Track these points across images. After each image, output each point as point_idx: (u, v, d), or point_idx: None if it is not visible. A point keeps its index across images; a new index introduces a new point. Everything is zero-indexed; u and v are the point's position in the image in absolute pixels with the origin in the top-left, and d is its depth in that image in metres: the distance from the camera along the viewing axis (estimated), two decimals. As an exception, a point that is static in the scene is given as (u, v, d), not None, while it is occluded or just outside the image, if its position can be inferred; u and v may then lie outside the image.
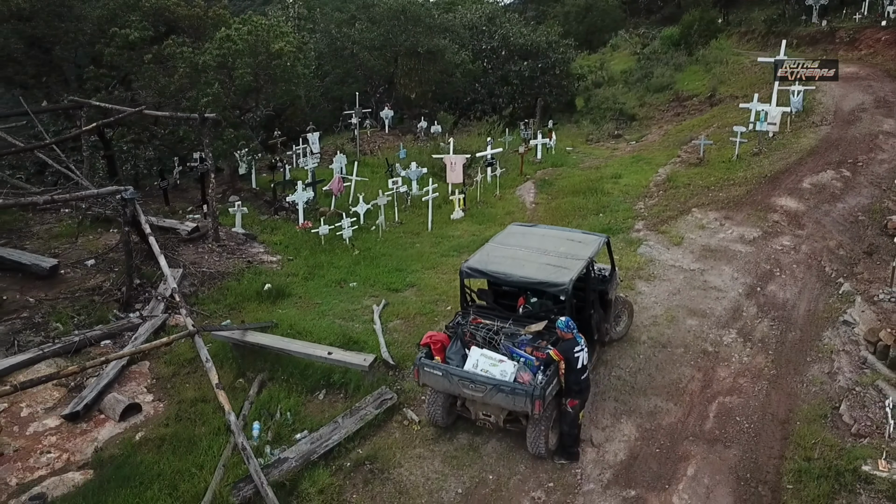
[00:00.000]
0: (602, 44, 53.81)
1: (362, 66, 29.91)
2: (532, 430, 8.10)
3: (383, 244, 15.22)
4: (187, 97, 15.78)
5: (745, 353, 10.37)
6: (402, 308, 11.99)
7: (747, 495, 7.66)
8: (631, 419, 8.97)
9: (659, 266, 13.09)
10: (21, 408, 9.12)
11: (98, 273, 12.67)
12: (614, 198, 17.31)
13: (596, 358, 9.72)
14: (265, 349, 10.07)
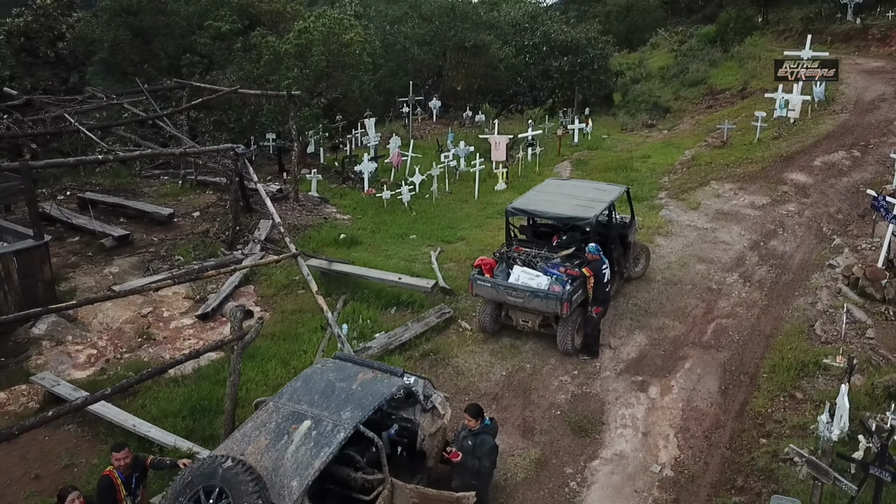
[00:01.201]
0: (642, 42, 55.05)
1: (413, 60, 32.30)
2: (561, 331, 10.31)
3: (436, 208, 17.55)
4: (270, 80, 18.36)
5: (744, 290, 12.39)
6: (454, 254, 14.29)
7: (730, 381, 9.75)
8: (642, 332, 11.11)
9: (676, 225, 15.14)
10: (162, 311, 11.72)
11: (203, 222, 15.30)
12: (642, 174, 19.33)
13: (616, 288, 11.86)
14: (347, 276, 12.51)
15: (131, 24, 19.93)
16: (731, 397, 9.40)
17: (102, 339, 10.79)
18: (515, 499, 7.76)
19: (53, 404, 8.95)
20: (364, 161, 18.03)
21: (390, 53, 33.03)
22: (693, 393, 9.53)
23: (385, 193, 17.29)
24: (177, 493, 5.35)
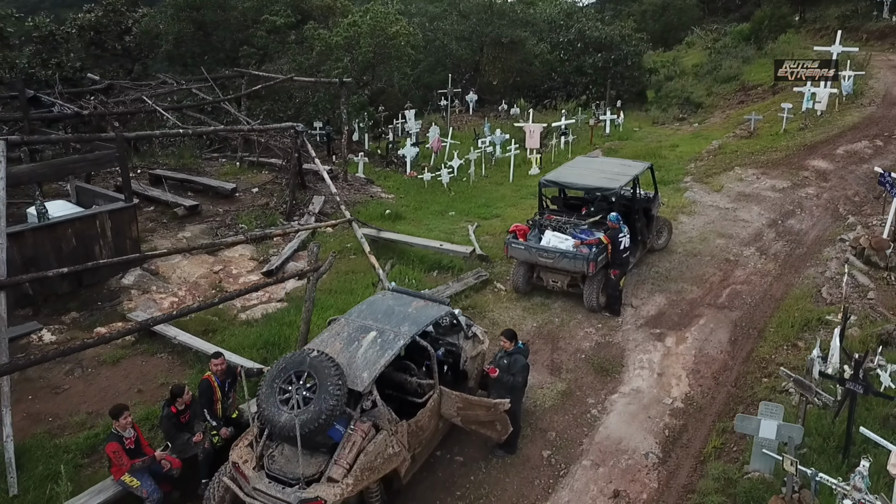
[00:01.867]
0: (678, 41, 55.42)
1: (451, 56, 33.61)
2: (587, 289, 11.48)
3: (473, 189, 18.81)
4: (320, 70, 19.82)
5: (759, 261, 13.39)
6: (489, 229, 15.52)
7: (740, 334, 10.82)
8: (662, 294, 12.21)
9: (699, 205, 16.15)
10: (231, 269, 13.20)
11: (262, 197, 16.81)
12: (670, 161, 20.31)
13: (639, 257, 12.97)
14: (394, 242, 13.86)
15: (194, 18, 21.62)
16: (739, 347, 10.47)
17: (181, 290, 12.29)
18: (544, 421, 8.98)
19: (146, 336, 10.48)
20: (406, 146, 19.38)
21: (429, 49, 34.37)
22: (705, 343, 10.63)
23: (426, 175, 18.61)
24: (273, 376, 6.70)
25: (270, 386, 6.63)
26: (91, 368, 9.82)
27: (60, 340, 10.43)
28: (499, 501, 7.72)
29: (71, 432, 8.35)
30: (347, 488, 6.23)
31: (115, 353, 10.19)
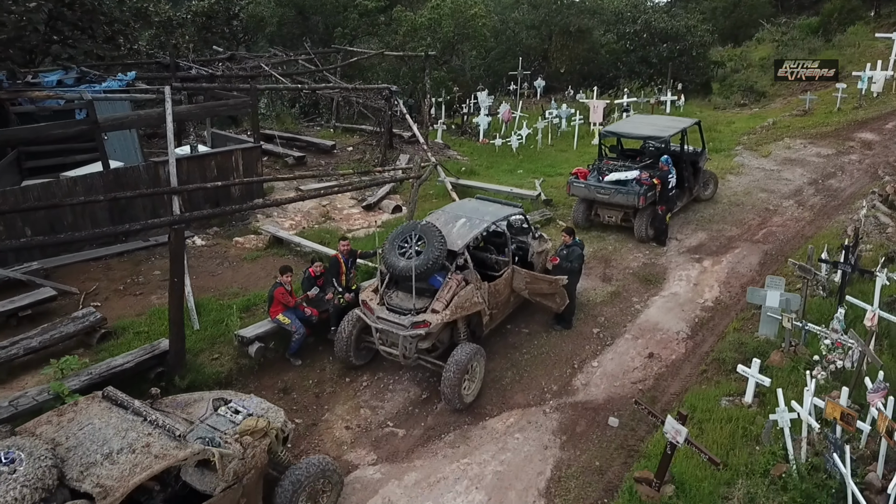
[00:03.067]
0: (748, 38, 55.68)
1: (521, 44, 35.70)
2: (637, 222, 13.47)
3: (540, 154, 20.90)
4: (406, 48, 22.29)
5: (796, 211, 15.03)
6: (553, 183, 17.56)
7: (768, 259, 12.62)
8: (704, 232, 14.06)
9: (747, 168, 17.80)
10: (336, 204, 15.76)
11: (356, 153, 19.40)
12: (724, 134, 21.88)
13: (686, 201, 14.82)
14: (470, 188, 16.13)
15: (295, 3, 24.49)
16: (766, 267, 12.28)
17: (297, 216, 14.92)
18: (595, 310, 11.07)
19: (274, 244, 13.10)
20: (480, 115, 21.65)
21: (500, 39, 36.55)
22: (737, 265, 12.48)
23: (497, 141, 20.84)
24: (393, 238, 9.08)
25: (392, 244, 9.02)
26: (235, 263, 12.49)
27: (209, 244, 13.17)
28: (556, 358, 9.89)
29: (229, 297, 10.96)
30: (445, 317, 8.53)
31: (252, 254, 12.85)
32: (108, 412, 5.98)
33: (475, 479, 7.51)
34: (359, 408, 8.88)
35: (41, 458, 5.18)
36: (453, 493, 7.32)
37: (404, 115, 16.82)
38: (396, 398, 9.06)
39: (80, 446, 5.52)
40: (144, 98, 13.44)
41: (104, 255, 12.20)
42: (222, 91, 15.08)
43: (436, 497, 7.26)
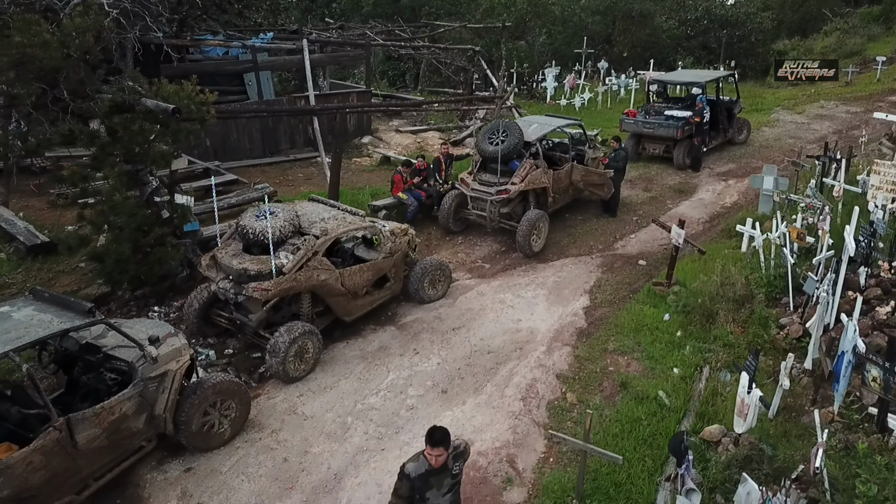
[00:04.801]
0: (815, 31, 56.54)
1: (586, 29, 38.60)
2: (676, 151, 16.49)
3: (599, 113, 23.99)
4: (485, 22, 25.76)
5: (817, 151, 17.69)
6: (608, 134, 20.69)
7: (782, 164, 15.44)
8: (734, 163, 16.96)
9: (781, 122, 20.46)
10: (427, 142, 19.33)
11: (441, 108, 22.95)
12: (768, 101, 24.42)
13: (720, 141, 17.72)
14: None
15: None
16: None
17: (397, 148, 18.56)
18: (635, 208, 14.23)
19: (384, 162, 16.76)
20: (548, 80, 24.90)
21: (567, 24, 39.54)
22: (756, 182, 15.36)
23: (562, 102, 24.04)
24: (485, 132, 12.52)
25: (483, 135, 12.47)
26: (357, 173, 16.18)
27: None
28: (603, 232, 13.13)
29: (358, 189, 14.60)
30: (520, 186, 11.91)
31: (368, 168, 16.56)
32: (318, 205, 9.67)
33: (539, 284, 10.87)
34: (457, 254, 12.35)
35: (290, 212, 8.86)
36: (525, 289, 10.70)
37: (486, 70, 20.23)
38: (483, 249, 12.50)
39: (307, 215, 9.19)
40: (287, 48, 17.31)
41: (258, 164, 16.10)
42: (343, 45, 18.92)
43: (513, 290, 10.67)
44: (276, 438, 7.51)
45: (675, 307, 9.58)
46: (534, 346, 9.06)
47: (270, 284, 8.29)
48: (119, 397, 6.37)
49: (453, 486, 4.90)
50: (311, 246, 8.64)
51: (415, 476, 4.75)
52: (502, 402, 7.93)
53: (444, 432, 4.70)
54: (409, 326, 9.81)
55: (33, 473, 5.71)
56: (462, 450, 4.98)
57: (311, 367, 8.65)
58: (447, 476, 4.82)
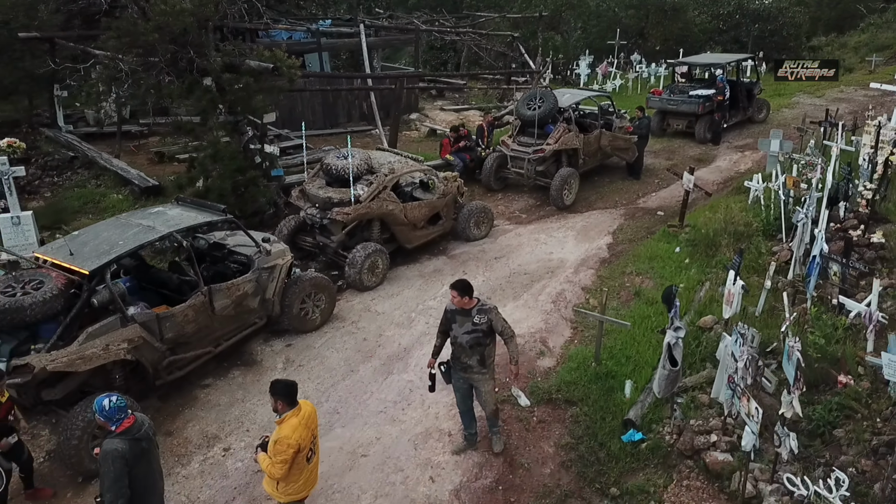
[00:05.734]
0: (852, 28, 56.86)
1: (619, 23, 40.02)
2: (698, 126, 18.07)
3: (629, 96, 25.56)
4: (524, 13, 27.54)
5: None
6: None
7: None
8: (751, 138, 18.40)
9: (800, 104, 21.83)
10: (469, 118, 21.18)
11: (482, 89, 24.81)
12: (792, 87, 25.65)
13: (739, 119, 19.21)
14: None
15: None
16: (791, 153, 16.61)
17: (441, 124, 20.45)
18: (658, 173, 15.85)
19: (430, 134, 18.67)
20: (582, 66, 26.57)
21: (601, 19, 41.00)
22: (770, 153, 16.87)
23: (594, 87, 25.66)
24: (523, 99, 14.32)
25: (522, 102, 14.28)
26: (408, 144, 18.08)
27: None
28: (627, 190, 14.83)
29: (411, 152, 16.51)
30: (555, 146, 13.67)
31: (417, 140, 18.47)
32: (386, 152, 11.63)
33: (569, 227, 12.65)
34: (496, 207, 14.14)
35: (364, 155, 10.82)
36: (556, 231, 12.48)
37: (523, 55, 22.01)
38: (520, 203, 14.29)
39: (377, 158, 11.16)
40: (346, 32, 19.33)
41: (320, 134, 18.12)
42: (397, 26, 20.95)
43: (546, 232, 12.46)
44: (356, 326, 9.44)
45: (684, 242, 11.26)
46: (563, 270, 10.85)
47: (350, 209, 10.23)
48: (242, 279, 8.35)
49: (473, 331, 6.40)
50: (381, 181, 10.57)
51: (448, 310, 6.51)
52: (536, 304, 9.75)
53: (462, 283, 6.41)
54: (457, 257, 11.67)
55: (187, 324, 7.70)
56: (487, 308, 6.43)
57: (380, 280, 10.57)
58: (468, 320, 6.38)
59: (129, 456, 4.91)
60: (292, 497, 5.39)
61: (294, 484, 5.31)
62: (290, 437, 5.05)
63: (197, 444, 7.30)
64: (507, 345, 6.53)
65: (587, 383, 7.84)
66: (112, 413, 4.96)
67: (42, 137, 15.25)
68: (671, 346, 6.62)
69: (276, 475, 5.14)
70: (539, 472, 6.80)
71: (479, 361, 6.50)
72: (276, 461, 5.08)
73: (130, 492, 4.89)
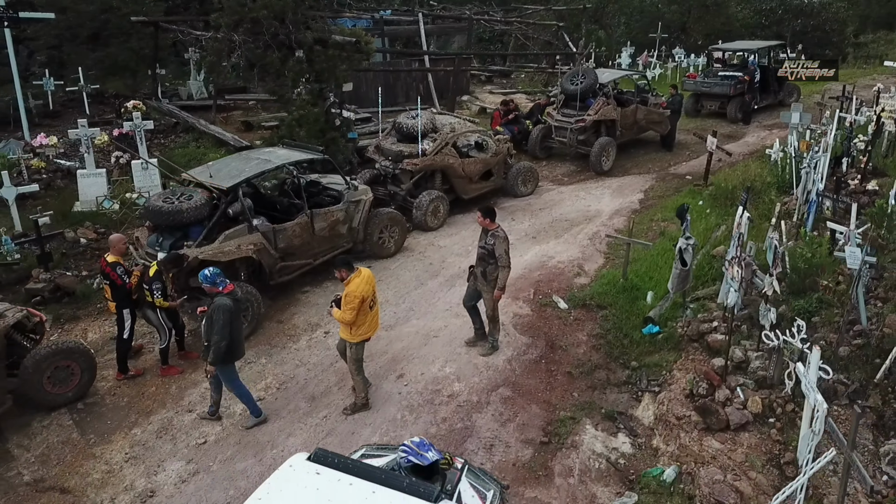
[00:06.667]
0: (902, 24, 56.53)
1: (662, 18, 41.17)
2: (730, 107, 19.50)
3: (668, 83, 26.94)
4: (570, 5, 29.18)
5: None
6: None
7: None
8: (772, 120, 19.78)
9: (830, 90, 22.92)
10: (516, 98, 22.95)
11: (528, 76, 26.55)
12: (827, 77, 26.78)
13: (769, 102, 20.54)
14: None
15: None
16: (816, 131, 17.96)
17: (491, 104, 22.25)
18: (690, 147, 17.36)
19: (481, 112, 20.50)
20: (623, 56, 28.06)
21: (642, 13, 42.18)
22: (796, 131, 18.24)
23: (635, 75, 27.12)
24: (566, 76, 16.04)
25: (566, 78, 16.02)
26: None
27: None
28: (660, 160, 16.44)
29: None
30: (594, 116, 15.35)
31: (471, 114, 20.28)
32: (447, 115, 13.51)
33: (606, 187, 14.36)
34: (542, 171, 15.89)
35: (430, 115, 12.71)
36: (594, 190, 14.21)
37: (568, 43, 23.67)
38: (563, 169, 16.02)
39: (440, 119, 13.04)
40: (406, 20, 21.32)
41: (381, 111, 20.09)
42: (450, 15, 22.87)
43: (585, 190, 14.19)
44: (422, 255, 11.35)
45: (707, 197, 12.85)
46: (599, 217, 12.59)
47: (417, 161, 12.15)
48: (335, 207, 10.33)
49: (483, 248, 8.07)
50: (444, 138, 12.46)
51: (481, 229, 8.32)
52: (575, 241, 11.52)
53: (486, 207, 8.21)
54: (506, 208, 13.47)
55: (293, 238, 9.69)
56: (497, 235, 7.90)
57: (441, 222, 12.46)
58: (484, 238, 8.12)
59: (233, 310, 6.90)
60: (361, 337, 7.30)
61: (362, 326, 7.22)
62: (356, 291, 6.98)
63: (303, 329, 9.29)
64: (498, 271, 7.94)
65: (615, 294, 9.58)
66: (214, 278, 6.95)
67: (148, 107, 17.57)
68: (682, 251, 8.32)
69: (347, 320, 7.05)
70: (574, 351, 8.59)
71: (482, 273, 8.16)
72: (346, 309, 7.00)
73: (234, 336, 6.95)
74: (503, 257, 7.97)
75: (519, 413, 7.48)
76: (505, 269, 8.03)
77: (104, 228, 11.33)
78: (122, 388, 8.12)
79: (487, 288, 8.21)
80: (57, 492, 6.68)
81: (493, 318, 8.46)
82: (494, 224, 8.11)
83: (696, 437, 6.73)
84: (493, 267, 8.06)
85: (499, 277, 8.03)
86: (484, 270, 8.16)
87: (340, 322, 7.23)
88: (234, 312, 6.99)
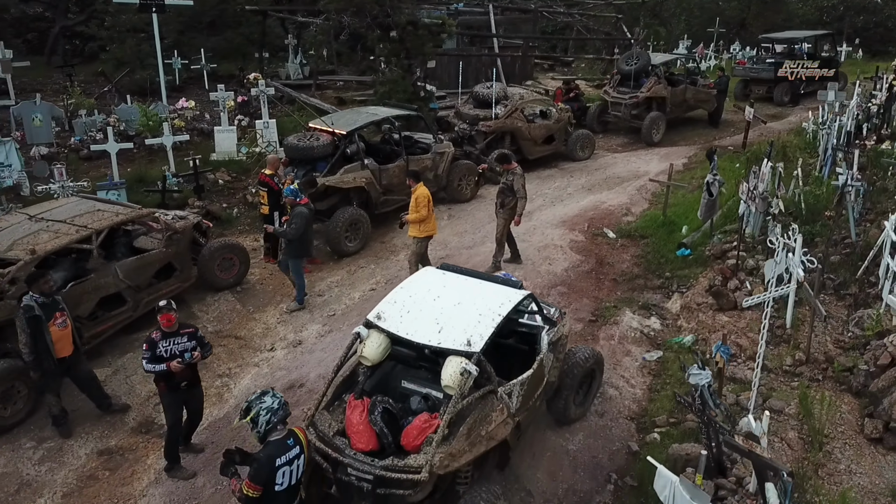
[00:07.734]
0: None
1: (722, 14, 42.22)
2: (777, 91, 21.04)
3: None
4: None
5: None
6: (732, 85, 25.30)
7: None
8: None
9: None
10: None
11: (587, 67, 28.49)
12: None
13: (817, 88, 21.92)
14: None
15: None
16: (856, 112, 19.38)
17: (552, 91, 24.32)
18: (734, 124, 19.06)
19: (545, 94, 22.61)
20: (680, 48, 29.68)
21: (703, 10, 43.30)
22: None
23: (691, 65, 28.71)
24: (622, 58, 18.02)
25: (622, 59, 18.00)
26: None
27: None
28: (704, 136, 18.24)
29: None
30: (647, 93, 17.28)
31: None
32: (517, 87, 15.73)
33: (654, 154, 16.33)
34: (598, 142, 17.88)
35: (502, 85, 14.97)
36: (644, 156, 16.19)
37: (626, 34, 25.51)
38: (617, 141, 18.02)
39: (510, 90, 15.25)
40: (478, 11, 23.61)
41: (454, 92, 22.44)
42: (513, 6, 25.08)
43: (636, 156, 16.19)
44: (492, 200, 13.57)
45: (744, 161, 14.69)
46: (647, 175, 14.58)
47: (491, 123, 14.41)
48: (425, 156, 12.68)
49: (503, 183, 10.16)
50: (514, 103, 14.69)
51: None
52: (625, 191, 13.59)
53: (501, 153, 10.45)
54: (566, 169, 15.61)
55: (393, 177, 12.03)
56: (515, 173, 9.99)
57: (509, 176, 14.66)
58: (505, 177, 10.20)
59: (309, 217, 9.29)
60: (427, 233, 9.67)
61: (427, 223, 9.58)
62: (425, 192, 9.42)
63: (400, 247, 11.66)
64: (516, 201, 9.86)
65: (656, 227, 11.64)
66: (294, 192, 9.37)
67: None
68: (709, 184, 10.34)
69: (422, 215, 9.36)
70: (619, 267, 10.71)
71: (500, 204, 10.24)
72: (418, 208, 9.36)
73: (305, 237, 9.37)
74: (521, 190, 10.04)
75: (573, 302, 9.65)
76: (523, 199, 10.09)
77: (235, 172, 14.00)
78: (268, 279, 10.66)
79: (503, 214, 10.25)
80: (233, 338, 9.22)
81: (500, 242, 10.45)
82: (512, 164, 10.29)
83: (711, 315, 8.79)
84: (511, 198, 10.03)
85: (517, 205, 10.05)
86: (502, 202, 10.23)
87: (413, 222, 9.51)
88: (308, 219, 9.37)
